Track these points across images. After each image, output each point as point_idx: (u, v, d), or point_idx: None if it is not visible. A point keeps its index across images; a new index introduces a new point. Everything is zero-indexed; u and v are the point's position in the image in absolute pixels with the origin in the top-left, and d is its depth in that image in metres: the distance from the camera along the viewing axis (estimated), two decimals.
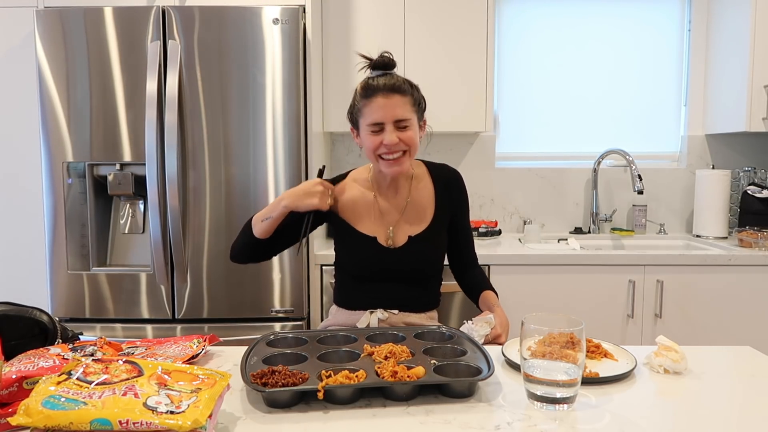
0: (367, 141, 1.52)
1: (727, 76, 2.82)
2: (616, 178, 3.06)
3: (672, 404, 1.07)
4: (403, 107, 1.48)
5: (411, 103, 1.51)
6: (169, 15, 2.23)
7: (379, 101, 1.47)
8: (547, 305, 2.42)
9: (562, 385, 1.00)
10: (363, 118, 1.51)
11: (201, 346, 1.26)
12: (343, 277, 1.68)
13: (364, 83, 1.52)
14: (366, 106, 1.50)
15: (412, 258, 1.61)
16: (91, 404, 0.83)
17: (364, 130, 1.53)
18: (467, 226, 1.74)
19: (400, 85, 1.49)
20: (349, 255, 1.65)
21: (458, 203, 1.70)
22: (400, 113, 1.48)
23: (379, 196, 1.64)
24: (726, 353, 1.35)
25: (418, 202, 1.65)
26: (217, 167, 2.28)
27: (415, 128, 1.53)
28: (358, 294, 1.63)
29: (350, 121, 1.59)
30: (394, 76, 1.51)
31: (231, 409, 1.01)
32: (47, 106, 2.27)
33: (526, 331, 1.03)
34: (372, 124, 1.49)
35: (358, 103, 1.52)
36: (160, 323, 2.34)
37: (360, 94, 1.52)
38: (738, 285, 2.43)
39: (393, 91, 1.47)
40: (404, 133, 1.49)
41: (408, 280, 1.61)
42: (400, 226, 1.62)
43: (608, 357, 1.26)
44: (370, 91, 1.49)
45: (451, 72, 2.68)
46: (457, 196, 1.70)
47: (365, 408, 1.02)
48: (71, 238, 2.32)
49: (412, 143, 1.52)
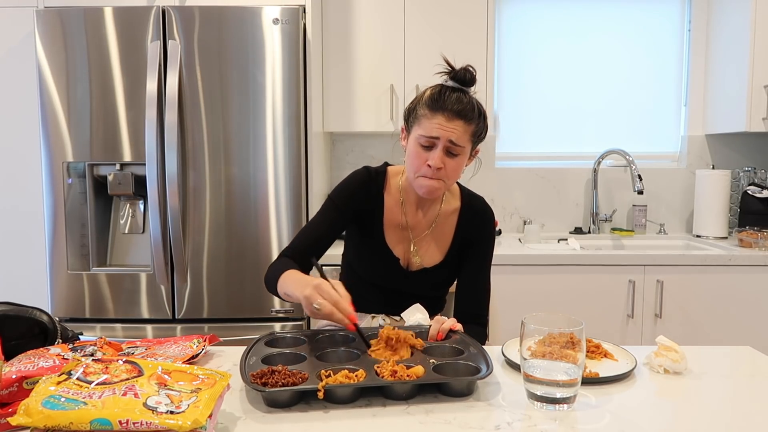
0: (412, 151, 1.45)
1: (727, 76, 2.82)
2: (616, 178, 3.06)
3: (672, 404, 1.07)
4: (462, 135, 1.41)
5: (471, 132, 1.43)
6: (169, 15, 2.23)
7: (441, 120, 1.39)
8: (547, 305, 2.42)
9: (562, 385, 1.00)
10: (418, 127, 1.43)
11: (201, 346, 1.26)
12: (350, 276, 1.66)
13: (434, 92, 1.43)
14: (425, 117, 1.41)
15: (426, 285, 1.59)
16: (91, 404, 0.83)
17: (413, 139, 1.45)
18: (478, 275, 1.59)
19: (467, 112, 1.41)
20: (362, 260, 1.62)
21: (477, 241, 1.58)
22: (455, 138, 1.40)
23: (406, 206, 1.58)
24: (726, 353, 1.35)
25: (442, 226, 1.59)
26: (217, 167, 2.28)
27: (465, 157, 1.46)
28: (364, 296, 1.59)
29: (405, 119, 1.51)
30: (466, 97, 1.42)
31: (231, 409, 1.01)
32: (47, 106, 2.27)
33: (526, 331, 1.03)
34: (424, 137, 1.41)
35: (420, 110, 1.43)
36: (160, 323, 2.34)
37: (426, 101, 1.43)
38: (738, 285, 2.43)
39: (458, 116, 1.39)
40: (451, 160, 1.42)
41: (417, 297, 1.59)
42: (420, 246, 1.58)
43: (608, 357, 1.26)
44: (437, 106, 1.40)
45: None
46: (476, 233, 1.59)
47: (365, 407, 1.02)
48: (71, 238, 2.32)
49: (455, 173, 1.46)
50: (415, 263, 1.58)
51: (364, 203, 1.55)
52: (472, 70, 1.44)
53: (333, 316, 1.21)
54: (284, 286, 1.38)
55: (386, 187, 1.58)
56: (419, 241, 1.58)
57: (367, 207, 1.56)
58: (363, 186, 1.56)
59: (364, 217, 1.57)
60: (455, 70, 1.44)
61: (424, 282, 1.59)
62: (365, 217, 1.57)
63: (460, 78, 1.43)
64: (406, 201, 1.58)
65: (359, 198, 1.55)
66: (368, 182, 1.56)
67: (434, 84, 1.47)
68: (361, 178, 1.56)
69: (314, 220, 1.58)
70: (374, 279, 1.60)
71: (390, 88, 2.71)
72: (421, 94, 1.47)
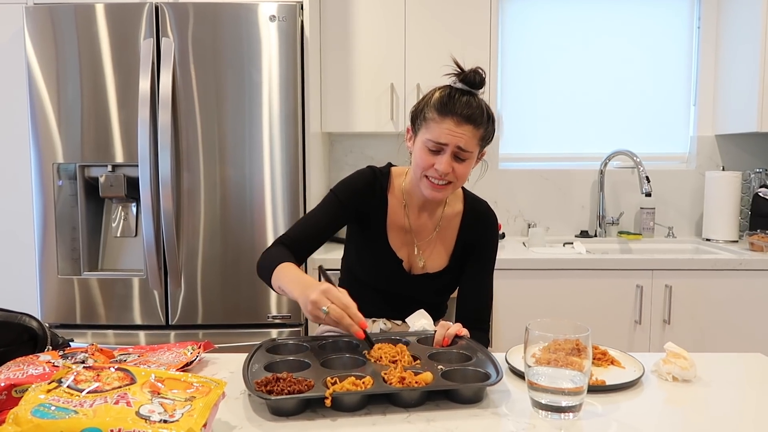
0: (419, 155, 1.45)
1: (737, 75, 2.83)
2: (623, 179, 3.07)
3: (681, 413, 1.07)
4: (470, 140, 1.41)
5: (480, 136, 1.44)
6: (162, 11, 2.24)
7: (449, 125, 1.40)
8: (552, 311, 2.42)
9: (567, 393, 1.00)
10: (426, 131, 1.43)
11: (195, 353, 1.26)
12: (351, 280, 1.66)
13: (443, 95, 1.43)
14: (434, 121, 1.42)
15: (428, 290, 1.60)
16: (82, 413, 0.83)
17: (420, 142, 1.45)
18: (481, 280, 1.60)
19: (477, 116, 1.41)
20: (364, 263, 1.62)
21: (480, 245, 1.59)
22: (464, 143, 1.41)
23: (409, 208, 1.59)
24: (736, 360, 1.35)
25: (445, 229, 1.60)
26: (212, 168, 2.28)
27: (472, 161, 1.47)
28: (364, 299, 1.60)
29: (411, 120, 1.51)
30: (475, 101, 1.43)
31: (233, 417, 1.02)
32: (37, 106, 2.27)
33: (531, 338, 1.03)
34: (432, 141, 1.42)
35: (428, 112, 1.43)
36: (154, 329, 2.34)
37: (434, 104, 1.43)
38: (749, 290, 2.43)
39: (468, 121, 1.40)
40: (459, 165, 1.43)
41: (419, 302, 1.59)
42: (424, 249, 1.59)
43: (615, 364, 1.26)
44: (446, 110, 1.41)
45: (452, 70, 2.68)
46: (479, 237, 1.59)
47: (365, 416, 1.02)
48: (62, 242, 2.32)
49: (463, 177, 1.47)
50: (419, 267, 1.59)
51: (367, 202, 1.56)
52: (482, 72, 1.45)
53: (342, 321, 1.21)
54: (280, 281, 1.37)
55: (390, 188, 1.59)
56: (423, 245, 1.59)
57: (370, 207, 1.56)
58: (368, 185, 1.57)
59: (367, 217, 1.58)
60: (465, 71, 1.45)
61: (427, 287, 1.59)
62: (368, 218, 1.58)
63: (469, 80, 1.44)
64: (410, 204, 1.58)
65: (363, 196, 1.56)
66: (373, 182, 1.57)
67: (441, 85, 1.47)
68: (365, 177, 1.57)
69: (314, 212, 1.58)
70: (376, 282, 1.61)
71: (390, 87, 2.71)
72: (430, 95, 1.47)
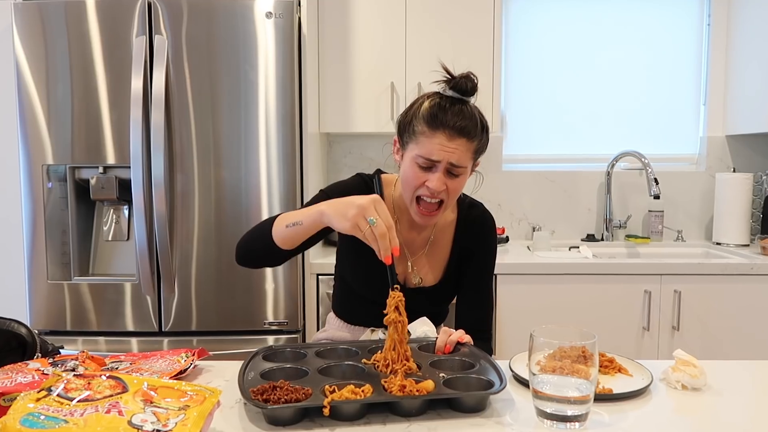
0: (409, 172, 1.41)
1: (749, 73, 2.83)
2: (630, 181, 3.07)
3: (690, 422, 1.07)
4: (463, 154, 1.37)
5: (473, 149, 1.40)
6: (155, 8, 2.24)
7: (441, 139, 1.35)
8: (557, 317, 2.42)
9: (573, 402, 1.00)
10: (416, 145, 1.38)
11: (189, 361, 1.26)
12: (345, 289, 1.65)
13: (432, 106, 1.38)
14: (424, 135, 1.37)
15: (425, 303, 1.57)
16: (73, 422, 0.83)
17: (410, 158, 1.40)
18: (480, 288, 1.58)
19: (470, 128, 1.36)
20: (357, 276, 1.59)
21: (477, 252, 1.57)
22: (456, 159, 1.36)
23: (401, 224, 1.55)
24: (747, 368, 1.35)
25: (439, 241, 1.57)
26: (207, 170, 2.28)
27: (466, 176, 1.44)
28: (360, 309, 1.60)
29: (398, 132, 1.46)
30: (467, 110, 1.38)
31: (228, 427, 1.02)
32: (25, 106, 2.28)
33: (536, 345, 1.03)
34: (422, 158, 1.37)
35: (417, 125, 1.38)
36: (146, 336, 2.34)
37: (423, 116, 1.37)
38: (760, 295, 2.43)
39: (460, 134, 1.35)
40: (452, 181, 1.39)
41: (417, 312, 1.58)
42: (418, 264, 1.57)
43: (622, 372, 1.26)
44: (436, 122, 1.35)
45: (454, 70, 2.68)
46: (476, 244, 1.57)
47: (365, 425, 1.02)
48: (51, 246, 2.32)
49: (456, 193, 1.44)
50: (414, 282, 1.57)
51: None
52: (474, 77, 1.40)
53: (382, 239, 1.16)
54: (288, 219, 1.31)
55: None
56: (417, 261, 1.58)
57: None
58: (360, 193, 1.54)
59: None
60: (455, 78, 1.39)
61: (424, 299, 1.58)
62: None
63: (460, 88, 1.39)
64: (400, 219, 1.56)
65: None
66: (364, 190, 1.53)
67: (430, 92, 1.43)
68: (358, 186, 1.54)
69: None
70: (371, 295, 1.58)
71: (390, 87, 2.72)
72: (418, 105, 1.41)
